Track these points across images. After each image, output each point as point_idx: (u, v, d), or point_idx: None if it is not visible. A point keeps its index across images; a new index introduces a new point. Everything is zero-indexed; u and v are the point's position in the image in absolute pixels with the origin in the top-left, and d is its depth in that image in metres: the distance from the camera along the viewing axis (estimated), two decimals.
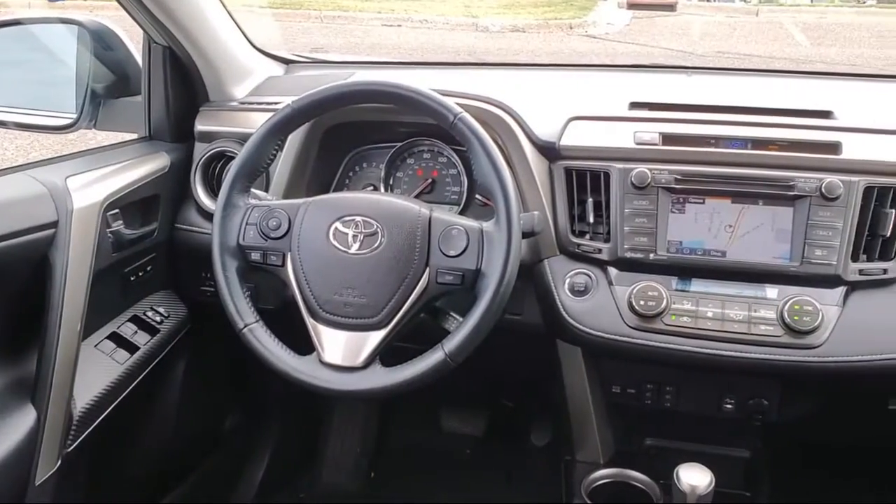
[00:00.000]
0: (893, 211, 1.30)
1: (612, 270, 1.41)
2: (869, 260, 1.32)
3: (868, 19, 12.14)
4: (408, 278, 1.24)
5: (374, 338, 1.24)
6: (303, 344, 1.28)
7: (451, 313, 1.32)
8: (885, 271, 1.31)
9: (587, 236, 1.43)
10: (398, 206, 1.28)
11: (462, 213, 1.60)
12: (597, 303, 1.40)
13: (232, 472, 2.12)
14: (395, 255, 1.24)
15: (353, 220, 1.26)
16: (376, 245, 1.25)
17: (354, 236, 1.26)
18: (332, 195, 1.35)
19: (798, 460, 1.82)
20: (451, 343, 1.21)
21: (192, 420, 1.91)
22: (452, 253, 1.24)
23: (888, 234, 1.30)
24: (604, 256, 1.41)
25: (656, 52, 8.81)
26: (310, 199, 1.32)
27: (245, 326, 1.28)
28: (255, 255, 1.30)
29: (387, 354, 1.26)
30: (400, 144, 1.63)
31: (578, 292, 1.42)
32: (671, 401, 1.55)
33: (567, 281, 1.43)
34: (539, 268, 1.46)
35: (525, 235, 1.29)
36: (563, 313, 1.42)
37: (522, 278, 1.45)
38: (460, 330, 1.22)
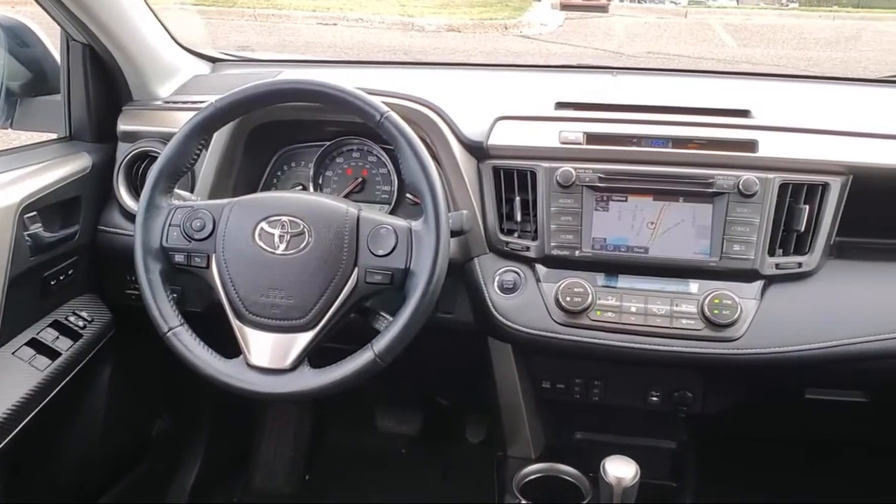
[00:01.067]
0: (807, 207, 1.35)
1: (540, 268, 1.43)
2: (785, 254, 1.37)
3: (790, 21, 12.57)
4: (336, 278, 1.24)
5: (303, 339, 1.24)
6: (230, 347, 1.27)
7: (382, 313, 1.32)
8: (799, 265, 1.36)
9: (515, 234, 1.45)
10: (325, 205, 1.28)
11: (393, 212, 1.60)
12: (525, 300, 1.42)
13: (162, 477, 2.07)
14: (323, 255, 1.24)
15: (280, 220, 1.26)
16: (303, 245, 1.24)
17: (281, 236, 1.25)
18: (257, 195, 1.34)
19: (722, 451, 1.87)
20: (380, 343, 1.22)
21: (120, 426, 1.86)
22: (381, 252, 1.24)
23: (802, 229, 1.35)
24: (531, 254, 1.43)
25: (589, 53, 8.94)
26: (234, 199, 1.31)
27: (169, 330, 1.26)
28: (179, 257, 1.28)
29: (316, 356, 1.26)
30: (328, 143, 1.62)
31: (507, 290, 1.44)
32: (599, 395, 1.58)
33: (496, 279, 1.45)
34: (469, 266, 1.48)
35: (454, 234, 1.31)
36: (493, 311, 1.43)
37: (453, 277, 1.46)
38: (389, 330, 1.22)
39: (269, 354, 1.24)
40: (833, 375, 1.46)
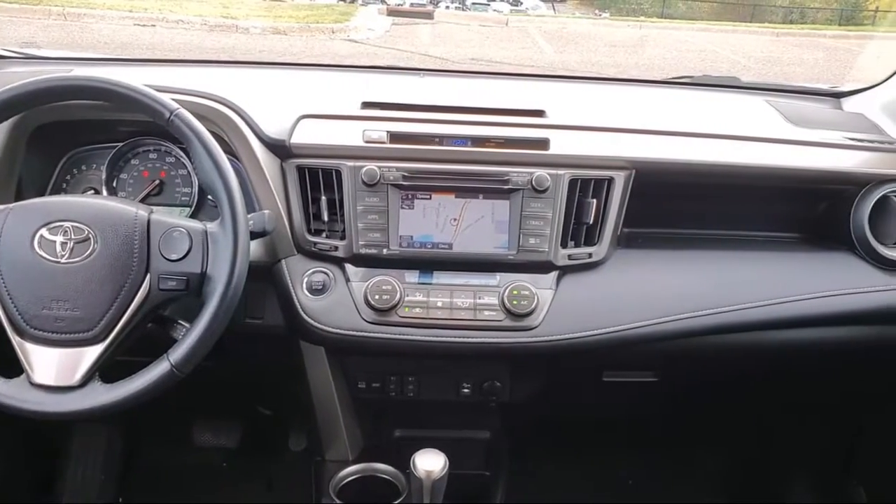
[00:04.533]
0: (595, 200, 1.43)
1: (349, 267, 1.43)
2: (576, 246, 1.44)
3: (602, 30, 13.41)
4: (126, 286, 1.18)
5: (92, 353, 1.17)
6: (10, 365, 1.17)
7: (179, 321, 1.26)
8: (590, 255, 1.44)
9: (323, 234, 1.44)
10: (112, 208, 1.21)
11: (194, 215, 1.54)
12: (334, 300, 1.41)
13: None
14: (111, 262, 1.17)
15: (62, 226, 1.18)
16: (89, 252, 1.17)
17: (63, 244, 1.17)
18: (36, 200, 1.25)
19: (533, 436, 1.96)
20: (177, 352, 1.17)
21: None
22: (174, 257, 1.20)
23: (591, 222, 1.44)
24: (340, 254, 1.42)
25: (416, 58, 9.08)
26: (10, 205, 1.21)
27: None
28: None
29: (111, 370, 1.19)
30: (122, 144, 1.54)
31: (316, 291, 1.42)
32: (414, 391, 1.60)
33: (305, 280, 1.43)
34: (277, 268, 1.45)
35: (256, 235, 1.28)
36: (302, 313, 1.41)
37: (260, 280, 1.44)
38: (187, 338, 1.18)
39: (54, 371, 1.16)
40: (625, 358, 1.56)
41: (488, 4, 15.86)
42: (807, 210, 1.62)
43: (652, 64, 9.40)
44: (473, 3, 15.69)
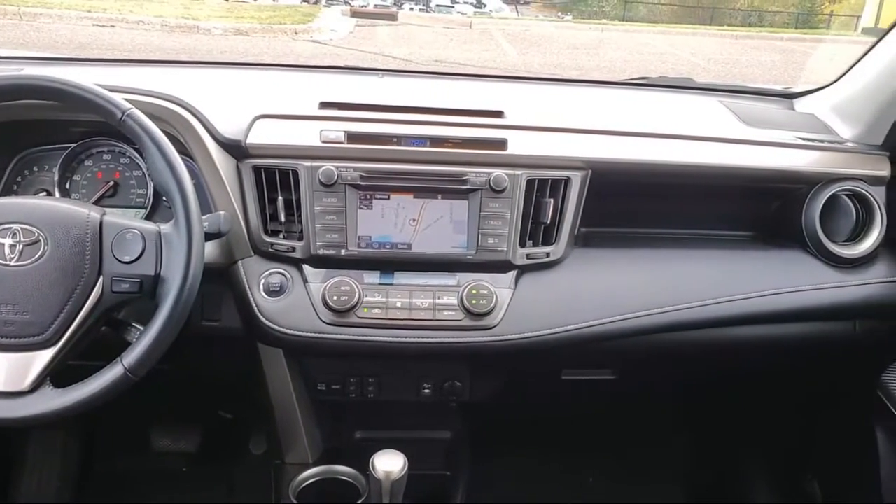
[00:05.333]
0: (552, 200, 1.44)
1: (307, 268, 1.42)
2: (534, 245, 1.45)
3: (564, 33, 13.52)
4: (78, 289, 1.16)
5: (42, 358, 1.15)
6: None
7: (134, 324, 1.25)
8: (548, 255, 1.45)
9: (281, 235, 1.43)
10: (63, 210, 1.19)
11: (149, 217, 1.52)
12: (292, 302, 1.40)
13: None
14: (62, 264, 1.15)
15: (10, 228, 1.16)
16: (39, 255, 1.15)
17: (12, 246, 1.15)
18: None
19: (493, 436, 1.96)
20: (130, 356, 1.15)
21: None
22: (127, 258, 1.18)
23: (549, 221, 1.44)
24: (298, 255, 1.41)
25: (380, 60, 9.07)
26: None
27: None
28: None
29: (65, 375, 1.17)
30: (75, 145, 1.51)
31: (274, 292, 1.41)
32: (374, 392, 1.59)
33: (262, 282, 1.41)
34: (233, 270, 1.43)
35: (211, 237, 1.27)
36: (259, 315, 1.40)
37: (217, 282, 1.42)
38: (140, 341, 1.16)
39: (3, 376, 1.13)
40: (583, 356, 1.58)
41: (452, 6, 15.91)
42: (760, 209, 1.65)
43: (613, 66, 9.50)
44: (437, 5, 15.74)
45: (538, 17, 16.73)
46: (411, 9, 15.03)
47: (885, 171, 1.58)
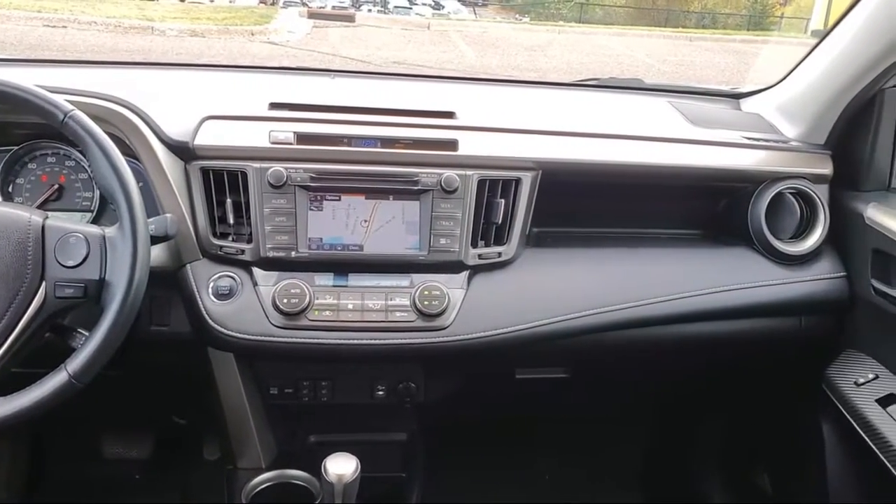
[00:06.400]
0: (503, 201, 1.44)
1: (257, 271, 1.40)
2: (486, 245, 1.45)
3: (522, 35, 13.60)
4: (20, 295, 1.13)
5: None
6: None
7: (79, 330, 1.22)
8: (499, 255, 1.45)
9: (230, 238, 1.41)
10: (2, 214, 1.16)
11: (96, 220, 1.49)
12: (241, 305, 1.39)
13: None
14: (3, 270, 1.13)
15: None
16: None
17: None
18: None
19: (449, 436, 1.96)
20: (74, 362, 1.13)
21: None
22: (71, 263, 1.16)
23: (500, 222, 1.45)
24: (247, 257, 1.39)
25: (337, 61, 9.02)
26: None
27: None
28: None
29: (6, 382, 1.14)
30: (17, 148, 1.48)
31: (223, 296, 1.39)
32: (328, 395, 1.58)
33: (211, 285, 1.40)
34: (181, 273, 1.41)
35: (157, 240, 1.24)
36: (208, 319, 1.38)
37: (166, 286, 1.40)
38: (85, 347, 1.14)
39: None
40: (536, 355, 1.58)
41: (410, 8, 15.89)
42: (708, 207, 1.67)
43: (571, 67, 9.58)
44: (395, 7, 15.70)
45: (496, 18, 16.79)
46: (369, 10, 14.99)
47: (827, 170, 1.62)
